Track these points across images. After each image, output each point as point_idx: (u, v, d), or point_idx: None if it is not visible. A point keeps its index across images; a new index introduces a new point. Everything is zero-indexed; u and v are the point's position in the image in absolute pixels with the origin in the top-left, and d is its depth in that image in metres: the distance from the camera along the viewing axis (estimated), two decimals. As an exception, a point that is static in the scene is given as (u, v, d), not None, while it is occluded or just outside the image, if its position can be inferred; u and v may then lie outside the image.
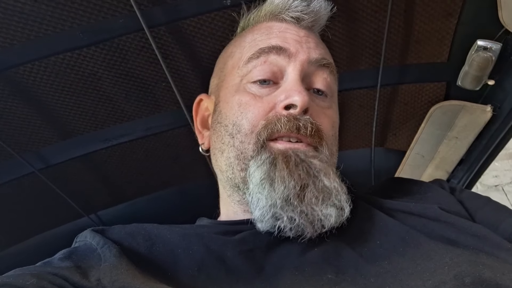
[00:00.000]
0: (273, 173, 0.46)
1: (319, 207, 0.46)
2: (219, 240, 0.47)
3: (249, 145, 0.50)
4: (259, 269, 0.44)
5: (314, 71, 0.54)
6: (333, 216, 0.46)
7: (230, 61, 0.57)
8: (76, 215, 0.89)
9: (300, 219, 0.45)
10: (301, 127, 0.48)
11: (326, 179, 0.47)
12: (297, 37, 0.54)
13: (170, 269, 0.44)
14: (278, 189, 0.45)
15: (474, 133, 0.79)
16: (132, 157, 0.82)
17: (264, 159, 0.48)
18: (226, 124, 0.53)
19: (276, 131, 0.48)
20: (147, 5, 0.58)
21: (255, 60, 0.53)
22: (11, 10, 0.53)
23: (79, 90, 0.67)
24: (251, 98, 0.52)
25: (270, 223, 0.46)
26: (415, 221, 0.49)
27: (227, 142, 0.52)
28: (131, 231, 0.48)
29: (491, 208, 0.53)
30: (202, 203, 0.64)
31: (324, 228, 0.46)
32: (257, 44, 0.54)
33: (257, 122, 0.50)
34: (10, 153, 0.70)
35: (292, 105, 0.49)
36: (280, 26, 0.55)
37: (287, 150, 0.48)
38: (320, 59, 0.54)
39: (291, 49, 0.52)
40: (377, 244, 0.47)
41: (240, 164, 0.50)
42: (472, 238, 0.45)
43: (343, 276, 0.42)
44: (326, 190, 0.47)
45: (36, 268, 0.42)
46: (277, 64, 0.52)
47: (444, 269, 0.39)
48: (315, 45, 0.55)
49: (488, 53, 0.66)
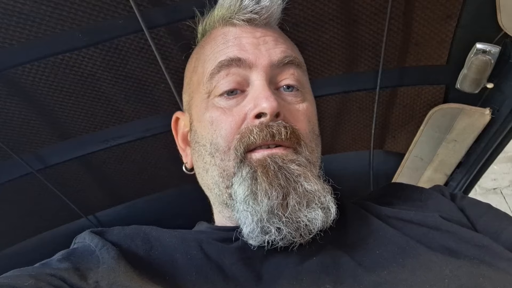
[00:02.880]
0: (255, 187, 0.46)
1: (304, 212, 0.45)
2: (217, 247, 0.47)
3: (229, 162, 0.49)
4: (257, 277, 0.44)
5: (280, 71, 0.53)
6: (319, 219, 0.45)
7: (194, 76, 0.57)
8: (74, 216, 0.89)
9: (286, 229, 0.44)
10: (275, 133, 0.48)
11: (306, 183, 0.47)
12: (254, 40, 0.52)
13: (168, 273, 0.43)
14: (262, 203, 0.45)
15: (473, 136, 0.79)
16: (130, 158, 0.82)
17: (245, 175, 0.47)
18: (204, 144, 0.52)
19: (251, 143, 0.48)
20: (146, 6, 0.58)
21: (216, 75, 0.52)
22: (10, 11, 0.53)
23: (78, 91, 0.67)
24: (221, 113, 0.51)
25: (260, 238, 0.45)
26: (415, 230, 0.49)
27: (209, 162, 0.52)
28: (130, 233, 0.48)
29: (492, 216, 0.53)
30: (200, 205, 0.63)
31: (311, 233, 0.45)
32: (216, 57, 0.53)
33: (232, 137, 0.49)
34: (8, 154, 0.70)
35: (262, 113, 0.48)
36: (234, 31, 0.54)
37: (265, 158, 0.47)
38: (282, 59, 0.52)
39: (250, 58, 0.51)
40: (377, 254, 0.46)
41: (224, 181, 0.50)
42: (473, 248, 0.45)
43: (341, 286, 0.41)
44: (308, 194, 0.46)
45: (34, 269, 0.42)
46: (239, 74, 0.51)
47: (444, 282, 0.39)
48: (274, 43, 0.53)
49: (487, 56, 0.66)
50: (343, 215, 0.53)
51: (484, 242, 0.46)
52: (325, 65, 0.74)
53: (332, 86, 0.78)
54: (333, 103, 0.82)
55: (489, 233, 0.49)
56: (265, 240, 0.45)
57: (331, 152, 0.95)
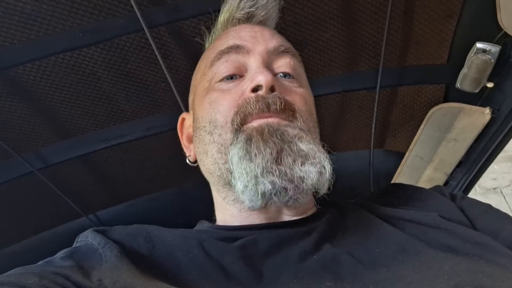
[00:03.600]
0: (249, 146, 0.47)
1: (298, 167, 0.46)
2: (219, 246, 0.47)
3: (227, 134, 0.51)
4: (258, 276, 0.44)
5: (275, 59, 0.56)
6: (313, 173, 0.46)
7: (199, 73, 0.60)
8: (75, 215, 0.89)
9: (280, 180, 0.45)
10: (271, 104, 0.49)
11: (301, 143, 0.48)
12: (252, 33, 0.56)
13: (170, 271, 0.44)
14: (256, 160, 0.46)
15: (473, 135, 0.79)
16: (131, 157, 0.82)
17: (240, 139, 0.49)
18: (204, 125, 0.54)
19: (248, 114, 0.49)
20: (147, 5, 0.58)
21: (217, 61, 0.55)
22: (11, 10, 0.53)
23: (79, 90, 0.67)
24: (220, 93, 0.53)
25: (253, 191, 0.46)
26: (415, 228, 0.49)
27: (207, 141, 0.53)
28: (132, 232, 0.48)
29: (492, 216, 0.53)
30: (201, 204, 0.64)
31: (306, 185, 0.46)
32: (217, 48, 0.56)
33: (229, 111, 0.51)
34: (9, 153, 0.70)
35: (258, 86, 0.51)
36: (235, 28, 0.59)
37: (260, 125, 0.49)
38: (278, 46, 0.55)
39: (248, 45, 0.54)
40: (377, 252, 0.46)
41: (222, 157, 0.51)
42: (472, 246, 0.45)
43: (341, 284, 0.42)
44: (302, 153, 0.47)
45: (38, 267, 0.42)
46: (238, 60, 0.54)
47: (443, 278, 0.39)
48: (271, 35, 0.57)
49: (487, 55, 0.66)
50: (343, 213, 0.53)
51: (483, 240, 0.46)
52: (325, 64, 0.74)
53: (332, 85, 0.78)
54: (333, 103, 0.82)
55: (488, 232, 0.49)
56: (258, 193, 0.46)
57: (331, 151, 0.95)
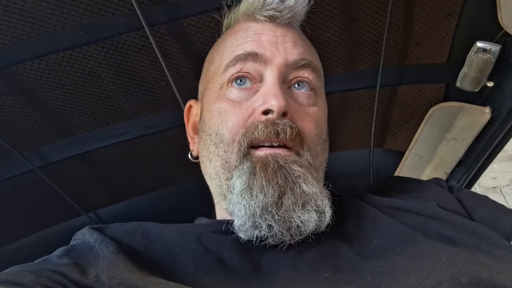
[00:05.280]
0: (252, 182, 0.46)
1: (297, 213, 0.45)
2: (216, 239, 0.47)
3: (232, 154, 0.50)
4: (256, 268, 0.44)
5: (293, 71, 0.53)
6: (312, 222, 0.46)
7: (212, 67, 0.57)
8: (75, 213, 0.89)
9: (277, 227, 0.45)
10: (280, 131, 0.48)
11: (305, 185, 0.47)
12: (273, 38, 0.53)
13: (168, 267, 0.44)
14: (256, 198, 0.45)
15: (473, 134, 0.79)
16: (131, 156, 0.82)
17: (245, 169, 0.48)
18: (210, 133, 0.53)
19: (255, 139, 0.48)
20: (147, 4, 0.58)
21: (232, 67, 0.52)
22: (12, 8, 0.53)
23: (79, 88, 0.67)
24: (230, 105, 0.51)
25: (250, 232, 0.46)
26: (412, 219, 0.50)
27: (213, 151, 0.52)
28: (129, 229, 0.49)
29: (489, 207, 0.53)
30: (200, 203, 0.64)
31: (302, 234, 0.46)
32: (234, 50, 0.53)
33: (237, 130, 0.50)
34: (9, 151, 0.70)
35: (269, 110, 0.49)
36: (256, 27, 0.54)
37: (266, 156, 0.48)
38: (298, 60, 0.52)
39: (267, 54, 0.51)
40: (374, 243, 0.47)
41: (225, 173, 0.51)
42: (470, 236, 0.45)
43: (339, 275, 0.42)
44: (304, 196, 0.46)
45: (35, 265, 0.42)
46: (254, 69, 0.52)
47: (441, 269, 0.39)
48: (293, 44, 0.53)
49: (488, 54, 0.66)
50: (341, 205, 0.53)
51: (480, 230, 0.46)
52: (325, 63, 0.74)
53: (333, 84, 0.78)
54: (333, 102, 0.82)
55: (485, 223, 0.49)
56: (254, 235, 0.45)
57: (331, 150, 0.94)
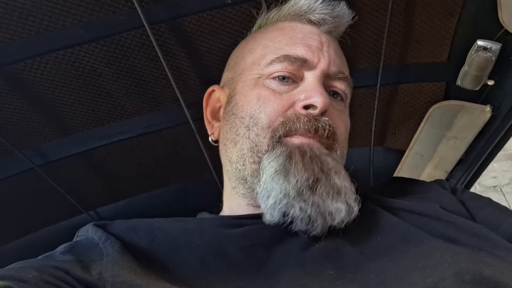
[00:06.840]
0: (289, 165, 0.47)
1: (330, 200, 0.46)
2: (221, 233, 0.47)
3: (265, 139, 0.50)
4: (260, 264, 0.44)
5: (331, 81, 0.55)
6: (343, 211, 0.46)
7: (250, 56, 0.57)
8: (75, 211, 0.89)
9: (312, 210, 0.45)
10: (320, 128, 0.49)
11: (337, 177, 0.48)
12: (319, 44, 0.54)
13: (172, 262, 0.44)
14: (292, 181, 0.46)
15: (473, 133, 0.79)
16: (131, 154, 0.82)
17: (279, 153, 0.48)
18: (243, 116, 0.53)
19: (294, 130, 0.49)
20: (148, 2, 0.58)
21: (277, 64, 0.53)
22: (12, 6, 0.53)
23: (79, 87, 0.67)
24: (271, 93, 0.52)
25: (281, 212, 0.46)
26: (416, 219, 0.50)
27: (242, 134, 0.52)
28: (132, 225, 0.49)
29: (492, 209, 0.53)
30: (201, 201, 0.64)
31: (334, 221, 0.46)
32: (282, 48, 0.54)
33: (275, 118, 0.50)
34: (10, 149, 0.70)
35: (311, 106, 0.50)
36: (303, 28, 0.56)
37: (302, 145, 0.49)
38: (337, 73, 0.54)
39: (315, 60, 0.53)
40: (378, 241, 0.47)
41: (253, 156, 0.51)
42: (472, 238, 0.45)
43: (343, 273, 0.42)
44: (336, 188, 0.47)
45: (38, 261, 0.42)
46: (299, 71, 0.53)
47: (444, 266, 0.40)
48: (335, 54, 0.55)
49: (488, 53, 0.66)
50: None
51: (483, 232, 0.46)
52: (326, 62, 0.74)
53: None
54: (333, 100, 0.82)
55: (488, 224, 0.49)
56: (289, 213, 0.46)
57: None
